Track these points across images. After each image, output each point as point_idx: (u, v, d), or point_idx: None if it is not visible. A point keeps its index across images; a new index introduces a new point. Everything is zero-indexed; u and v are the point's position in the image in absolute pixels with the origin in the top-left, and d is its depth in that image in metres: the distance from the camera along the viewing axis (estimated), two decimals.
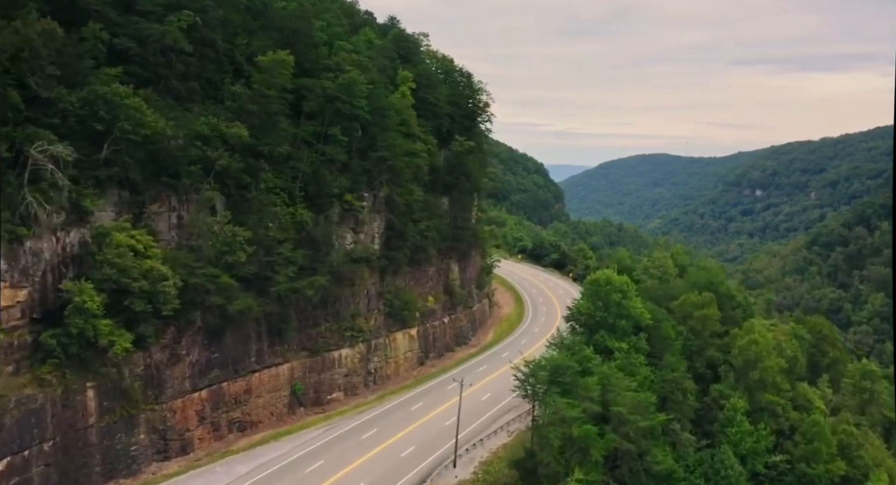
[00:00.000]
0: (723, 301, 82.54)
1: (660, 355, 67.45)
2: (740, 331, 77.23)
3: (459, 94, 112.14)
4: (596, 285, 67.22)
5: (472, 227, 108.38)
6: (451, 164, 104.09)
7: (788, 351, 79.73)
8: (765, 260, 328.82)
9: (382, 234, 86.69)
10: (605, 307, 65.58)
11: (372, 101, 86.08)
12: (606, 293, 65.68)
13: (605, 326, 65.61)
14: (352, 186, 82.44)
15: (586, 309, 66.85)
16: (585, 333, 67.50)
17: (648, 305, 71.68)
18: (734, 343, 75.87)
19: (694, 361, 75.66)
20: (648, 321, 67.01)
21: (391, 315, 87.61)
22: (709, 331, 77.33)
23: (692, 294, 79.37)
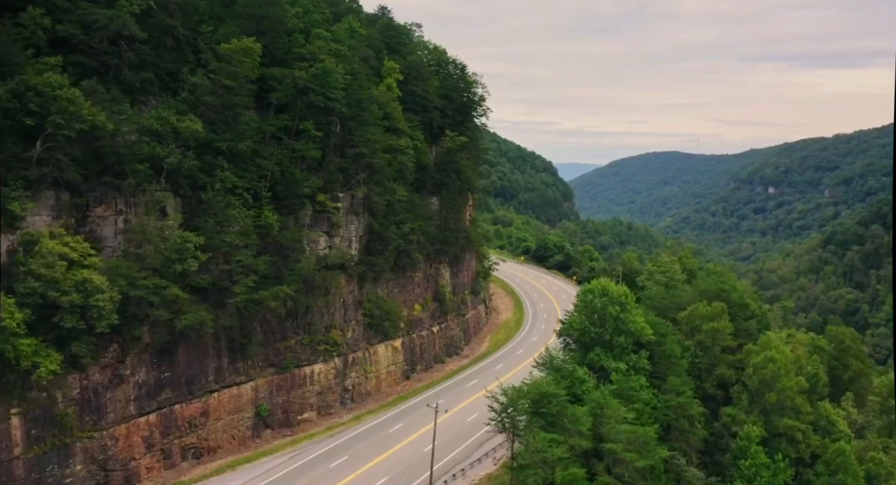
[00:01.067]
0: (735, 311, 73.40)
1: (663, 376, 58.59)
2: (755, 346, 67.94)
3: (452, 86, 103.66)
4: (590, 297, 58.45)
5: (465, 228, 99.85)
6: (442, 161, 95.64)
7: (809, 368, 70.34)
8: (778, 260, 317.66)
9: (361, 237, 78.41)
10: (601, 322, 56.82)
11: (350, 92, 77.94)
12: (602, 306, 56.99)
13: (601, 343, 56.79)
14: (326, 185, 74.32)
15: (579, 324, 58.18)
16: (579, 350, 58.78)
17: (652, 318, 62.82)
18: (748, 360, 66.67)
19: (703, 381, 66.57)
20: (650, 337, 58.23)
21: (371, 326, 79.33)
22: (719, 346, 68.13)
23: (701, 304, 70.21)
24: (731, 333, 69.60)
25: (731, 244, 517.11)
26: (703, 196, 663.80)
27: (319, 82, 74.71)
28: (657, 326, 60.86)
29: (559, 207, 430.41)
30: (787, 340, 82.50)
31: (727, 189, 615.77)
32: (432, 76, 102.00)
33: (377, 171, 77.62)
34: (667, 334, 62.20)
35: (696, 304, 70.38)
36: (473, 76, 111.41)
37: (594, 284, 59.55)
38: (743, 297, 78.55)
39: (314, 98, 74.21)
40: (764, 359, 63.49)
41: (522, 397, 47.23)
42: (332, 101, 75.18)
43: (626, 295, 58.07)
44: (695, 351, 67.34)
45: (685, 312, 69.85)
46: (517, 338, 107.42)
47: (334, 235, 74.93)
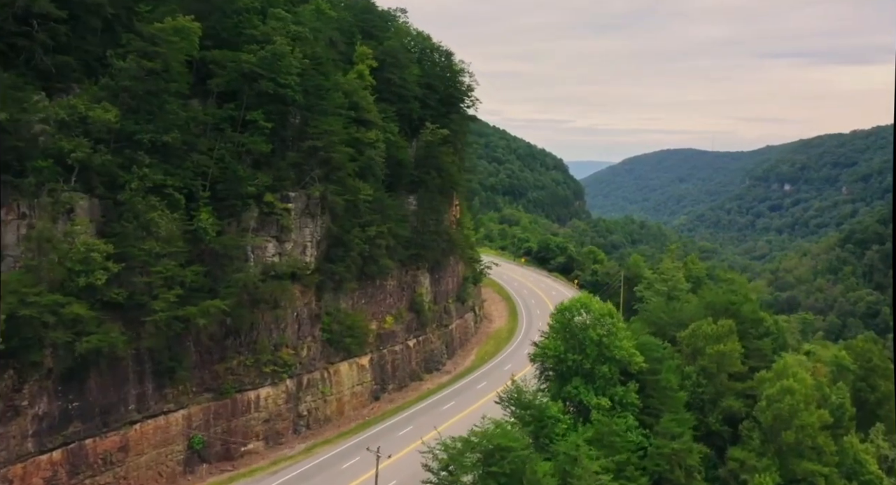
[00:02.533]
0: (746, 327, 62.05)
1: (657, 413, 47.72)
2: (769, 374, 56.58)
3: (435, 75, 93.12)
4: (567, 316, 47.63)
5: (447, 230, 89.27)
6: (421, 156, 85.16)
7: (834, 398, 58.96)
8: (795, 259, 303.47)
9: (319, 242, 68.19)
10: (580, 347, 46.05)
11: (307, 79, 67.83)
12: (581, 329, 46.24)
13: (581, 373, 46.07)
14: (275, 183, 64.26)
15: (554, 349, 47.46)
16: (555, 380, 48.11)
17: (646, 339, 51.76)
18: (761, 389, 55.28)
19: (706, 415, 55.30)
20: (641, 366, 47.33)
21: (331, 342, 69.14)
22: (727, 372, 56.82)
23: (705, 322, 58.92)
24: (741, 355, 58.39)
25: (746, 243, 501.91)
26: (718, 194, 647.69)
27: (269, 67, 64.72)
28: (650, 351, 49.78)
29: (570, 205, 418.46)
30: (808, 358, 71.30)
31: (742, 187, 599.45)
32: (412, 64, 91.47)
33: (336, 167, 67.38)
34: (664, 359, 51.15)
35: (700, 321, 59.08)
36: (460, 64, 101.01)
37: (572, 301, 48.87)
38: (756, 310, 67.05)
39: (264, 85, 64.30)
40: (780, 390, 52.25)
41: (469, 449, 36.71)
42: (283, 87, 65.17)
43: (611, 314, 47.30)
44: (697, 379, 55.96)
45: (686, 332, 58.56)
46: (507, 350, 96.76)
47: (285, 240, 64.76)
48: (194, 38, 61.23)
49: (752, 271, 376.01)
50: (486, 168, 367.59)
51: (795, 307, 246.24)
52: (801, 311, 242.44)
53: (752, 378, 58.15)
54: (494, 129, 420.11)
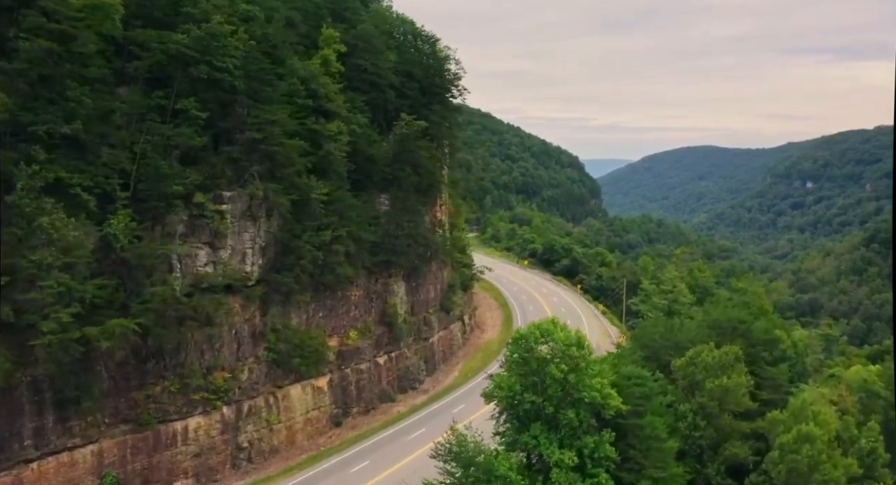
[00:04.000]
0: (758, 352, 51.26)
1: (639, 467, 37.51)
2: (783, 414, 45.81)
3: (414, 61, 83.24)
4: (523, 345, 37.30)
5: (425, 233, 79.35)
6: (396, 150, 75.40)
7: (863, 442, 47.92)
8: (817, 259, 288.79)
9: (264, 249, 58.73)
10: (541, 387, 35.95)
11: (251, 62, 58.49)
12: (539, 364, 36.05)
13: (542, 419, 36.01)
14: (208, 182, 54.95)
15: (508, 387, 37.25)
16: (512, 425, 37.95)
17: (630, 371, 41.39)
18: (773, 434, 44.66)
19: (704, 465, 44.38)
20: (619, 408, 36.97)
21: (279, 363, 59.70)
22: (732, 410, 46.13)
23: (706, 348, 48.16)
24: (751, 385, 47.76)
25: (767, 242, 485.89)
26: (739, 191, 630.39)
27: (203, 49, 55.49)
28: (635, 386, 39.37)
29: (585, 203, 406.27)
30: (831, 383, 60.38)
31: (763, 184, 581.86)
32: (390, 49, 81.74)
33: (281, 162, 57.83)
34: (652, 396, 40.71)
35: (700, 347, 48.39)
36: (446, 50, 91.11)
37: (531, 326, 38.74)
38: (770, 329, 55.84)
39: (199, 69, 55.14)
40: (796, 437, 41.66)
41: None
42: (220, 72, 55.89)
43: (579, 345, 37.10)
44: (693, 420, 45.37)
45: (681, 361, 47.92)
46: (495, 364, 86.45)
47: (219, 246, 55.37)
48: (114, 16, 52.19)
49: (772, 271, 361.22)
50: (500, 166, 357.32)
51: (818, 310, 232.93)
52: (823, 313, 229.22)
53: (762, 416, 47.59)
54: (508, 126, 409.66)
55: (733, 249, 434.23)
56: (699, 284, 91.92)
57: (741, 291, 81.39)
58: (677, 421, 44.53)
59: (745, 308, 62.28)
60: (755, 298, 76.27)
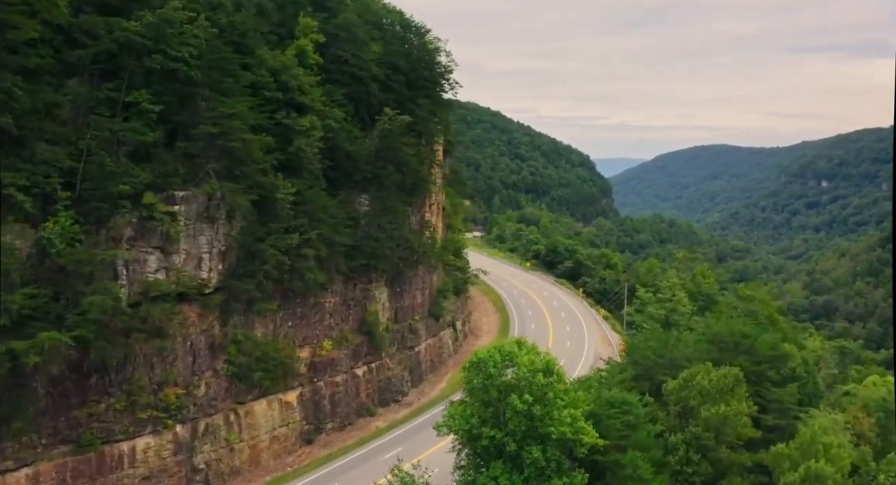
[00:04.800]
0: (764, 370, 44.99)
1: None
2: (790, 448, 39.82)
3: (400, 53, 77.83)
4: (481, 373, 31.68)
5: (408, 235, 73.91)
6: (377, 147, 70.05)
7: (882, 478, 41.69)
8: (832, 260, 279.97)
9: (223, 254, 53.59)
10: (502, 420, 30.45)
11: (212, 51, 53.42)
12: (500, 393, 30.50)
13: (506, 456, 30.52)
14: (160, 180, 49.93)
15: (463, 420, 31.63)
16: (471, 462, 32.53)
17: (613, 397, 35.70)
18: (778, 470, 38.68)
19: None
20: (594, 443, 31.21)
21: (241, 377, 54.54)
22: (730, 440, 40.11)
23: (702, 369, 42.24)
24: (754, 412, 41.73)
25: (781, 242, 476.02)
26: (753, 191, 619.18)
27: (156, 37, 50.56)
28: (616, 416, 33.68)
29: (596, 203, 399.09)
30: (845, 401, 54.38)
31: (778, 183, 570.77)
32: (374, 40, 76.45)
33: (241, 159, 52.65)
34: (638, 425, 34.99)
35: (696, 368, 42.42)
36: (436, 41, 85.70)
37: (490, 348, 33.05)
38: (778, 344, 49.42)
39: (152, 60, 50.30)
40: (804, 476, 35.82)
41: None
42: (175, 62, 50.89)
43: (548, 370, 31.42)
44: (686, 453, 39.50)
45: (673, 384, 41.94)
46: None
47: (171, 251, 50.28)
48: (59, 1, 47.47)
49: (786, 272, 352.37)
50: (509, 165, 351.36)
51: (832, 313, 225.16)
52: (838, 316, 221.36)
53: (767, 446, 41.51)
54: (518, 125, 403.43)
55: (747, 250, 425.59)
56: (702, 292, 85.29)
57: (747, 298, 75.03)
58: (667, 455, 38.74)
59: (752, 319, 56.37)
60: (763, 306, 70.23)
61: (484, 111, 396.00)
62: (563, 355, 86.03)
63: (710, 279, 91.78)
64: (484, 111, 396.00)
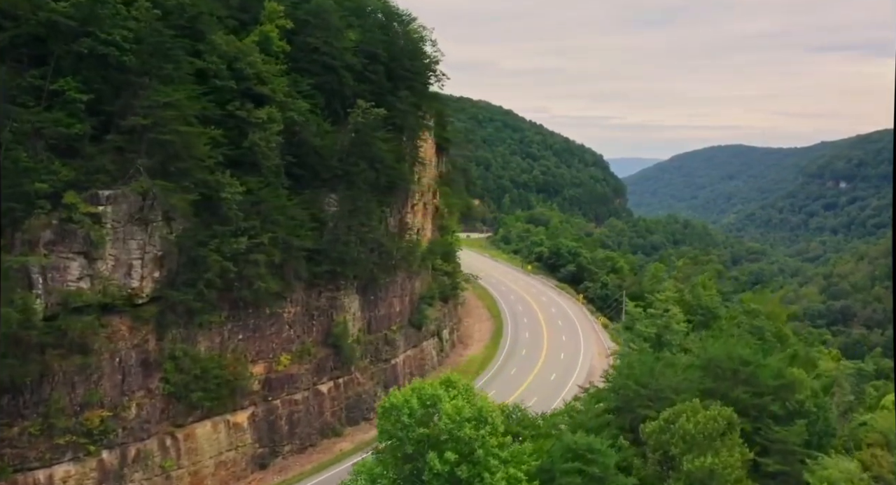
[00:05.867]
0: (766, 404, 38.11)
1: None
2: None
3: (379, 41, 71.35)
4: (395, 422, 25.37)
5: (386, 239, 67.48)
6: (349, 143, 63.76)
7: None
8: (850, 263, 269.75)
9: (160, 259, 47.53)
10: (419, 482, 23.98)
11: (148, 36, 47.44)
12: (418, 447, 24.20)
13: None
14: (85, 178, 44.05)
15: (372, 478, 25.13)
16: None
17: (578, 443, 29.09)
18: None
19: None
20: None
21: (179, 397, 48.48)
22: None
23: (688, 407, 35.36)
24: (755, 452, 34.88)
25: (798, 243, 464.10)
26: (770, 191, 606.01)
27: (86, 18, 44.78)
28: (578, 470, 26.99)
29: (609, 203, 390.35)
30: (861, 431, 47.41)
31: (795, 184, 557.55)
32: (351, 27, 70.17)
33: (176, 154, 46.53)
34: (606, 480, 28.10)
35: (680, 407, 35.36)
36: (421, 30, 79.30)
37: (406, 391, 26.64)
38: (784, 372, 41.80)
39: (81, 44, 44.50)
40: None
41: None
42: (106, 46, 44.99)
43: (480, 417, 24.85)
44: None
45: (653, 425, 35.04)
46: None
47: (96, 257, 44.28)
48: None
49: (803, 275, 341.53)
50: (520, 164, 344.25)
51: (850, 318, 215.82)
52: (856, 322, 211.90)
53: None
54: (530, 123, 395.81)
55: (762, 252, 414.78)
56: (702, 305, 77.62)
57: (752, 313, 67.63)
58: None
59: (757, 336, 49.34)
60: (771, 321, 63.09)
61: (496, 110, 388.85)
62: (555, 369, 79.54)
63: (711, 290, 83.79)
64: (496, 110, 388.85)
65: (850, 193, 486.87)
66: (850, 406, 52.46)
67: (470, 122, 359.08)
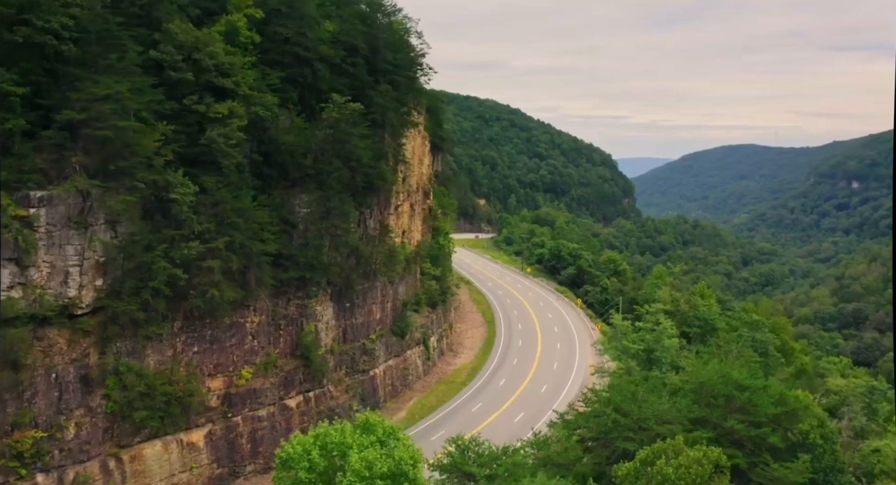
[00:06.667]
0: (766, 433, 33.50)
1: None
2: None
3: (358, 33, 66.88)
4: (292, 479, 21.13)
5: (361, 244, 63.00)
6: (324, 139, 59.40)
7: None
8: (863, 264, 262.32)
9: (103, 266, 43.34)
10: None
11: (90, 24, 43.34)
12: None
13: None
14: (17, 177, 39.94)
15: None
16: None
17: None
18: None
19: None
20: None
21: (124, 416, 44.28)
22: None
23: (668, 446, 30.67)
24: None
25: (810, 244, 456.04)
26: (781, 191, 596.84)
27: (21, 5, 40.90)
28: None
29: (617, 203, 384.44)
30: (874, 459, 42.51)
31: (807, 184, 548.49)
32: (328, 18, 65.85)
33: (116, 152, 42.30)
34: None
35: (659, 445, 30.53)
36: (406, 21, 74.95)
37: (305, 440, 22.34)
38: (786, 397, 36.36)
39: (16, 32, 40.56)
40: None
41: None
42: (44, 34, 40.95)
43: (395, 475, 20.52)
44: None
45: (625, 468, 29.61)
46: (456, 401, 70.00)
47: (28, 264, 40.13)
48: None
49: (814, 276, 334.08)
50: (527, 164, 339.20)
51: (862, 322, 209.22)
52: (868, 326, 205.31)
53: None
54: (538, 122, 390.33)
55: (773, 252, 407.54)
56: (697, 316, 71.94)
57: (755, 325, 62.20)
58: None
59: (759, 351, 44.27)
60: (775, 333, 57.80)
61: (503, 108, 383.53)
62: (546, 380, 74.88)
63: (710, 299, 78.01)
64: (503, 108, 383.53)
65: (862, 193, 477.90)
66: (862, 430, 47.49)
67: (477, 121, 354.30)
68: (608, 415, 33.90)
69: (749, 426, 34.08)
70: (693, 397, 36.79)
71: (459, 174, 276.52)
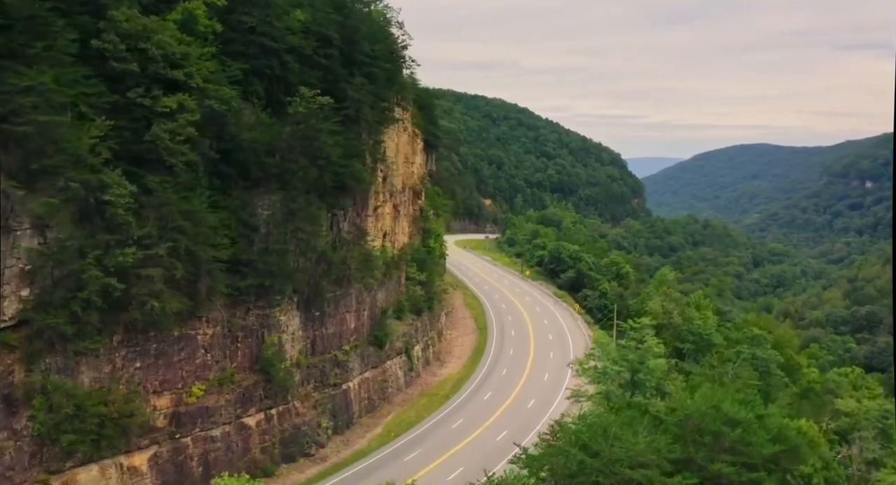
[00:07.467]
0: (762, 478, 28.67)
1: None
2: None
3: (332, 22, 62.28)
4: None
5: (329, 249, 58.35)
6: (290, 136, 54.87)
7: None
8: (877, 266, 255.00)
9: (27, 275, 39.02)
10: None
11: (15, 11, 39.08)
12: None
13: None
14: None
15: None
16: None
17: None
18: None
19: None
20: None
21: (54, 439, 39.93)
22: None
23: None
24: None
25: (822, 244, 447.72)
26: (794, 191, 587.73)
27: None
28: None
29: (626, 203, 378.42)
30: None
31: (819, 184, 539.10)
32: (301, 6, 61.31)
33: (39, 149, 37.96)
34: None
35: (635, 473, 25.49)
36: (386, 11, 70.32)
37: None
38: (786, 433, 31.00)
39: None
40: None
41: None
42: None
43: None
44: None
45: None
46: (438, 415, 65.27)
47: None
48: None
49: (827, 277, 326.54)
50: (534, 163, 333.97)
51: (875, 325, 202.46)
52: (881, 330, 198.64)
53: None
54: (546, 122, 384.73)
55: (785, 253, 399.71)
56: (692, 330, 66.25)
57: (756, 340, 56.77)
58: None
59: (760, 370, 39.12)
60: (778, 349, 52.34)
61: (511, 107, 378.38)
62: (535, 394, 70.16)
63: (707, 311, 72.15)
64: (511, 107, 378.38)
65: (876, 193, 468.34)
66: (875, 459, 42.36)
67: (484, 120, 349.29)
68: (573, 454, 29.27)
69: (741, 469, 29.16)
70: (676, 431, 31.83)
71: (465, 174, 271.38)
